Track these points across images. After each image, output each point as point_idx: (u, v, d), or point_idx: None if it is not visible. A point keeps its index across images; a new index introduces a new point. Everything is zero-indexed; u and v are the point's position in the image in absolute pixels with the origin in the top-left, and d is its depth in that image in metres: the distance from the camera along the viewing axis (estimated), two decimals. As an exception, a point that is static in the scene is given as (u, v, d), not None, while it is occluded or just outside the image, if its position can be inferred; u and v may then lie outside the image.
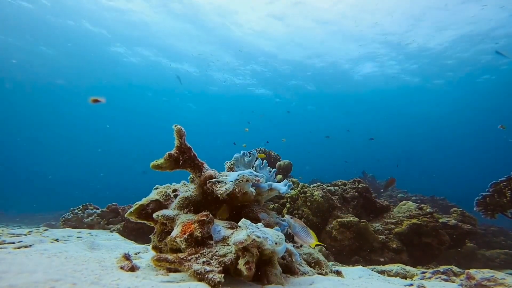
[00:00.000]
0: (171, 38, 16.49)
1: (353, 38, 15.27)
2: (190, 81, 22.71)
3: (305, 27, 14.74)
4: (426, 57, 16.78)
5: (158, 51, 18.20)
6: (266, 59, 18.45)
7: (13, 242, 1.94)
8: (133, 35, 16.16)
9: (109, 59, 19.80)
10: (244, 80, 21.71)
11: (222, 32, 15.55)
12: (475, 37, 14.19)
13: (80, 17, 14.64)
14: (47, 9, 13.99)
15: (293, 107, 26.71)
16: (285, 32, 15.35)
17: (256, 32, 15.51)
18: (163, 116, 32.98)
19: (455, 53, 16.01)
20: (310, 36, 15.49)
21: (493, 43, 14.41)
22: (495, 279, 1.75)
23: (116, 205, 4.82)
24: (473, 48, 15.36)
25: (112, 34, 16.22)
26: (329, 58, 17.90)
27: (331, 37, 15.37)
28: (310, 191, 4.57)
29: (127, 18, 14.55)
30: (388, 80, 20.41)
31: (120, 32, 15.82)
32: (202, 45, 16.78)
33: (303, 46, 16.64)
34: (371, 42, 15.56)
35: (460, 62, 16.96)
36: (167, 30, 15.61)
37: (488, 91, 20.91)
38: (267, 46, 16.95)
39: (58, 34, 16.19)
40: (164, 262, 1.25)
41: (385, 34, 14.67)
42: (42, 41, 16.95)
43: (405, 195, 8.95)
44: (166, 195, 1.71)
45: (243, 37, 16.05)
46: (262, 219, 1.77)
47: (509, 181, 4.17)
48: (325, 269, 1.87)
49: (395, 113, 29.13)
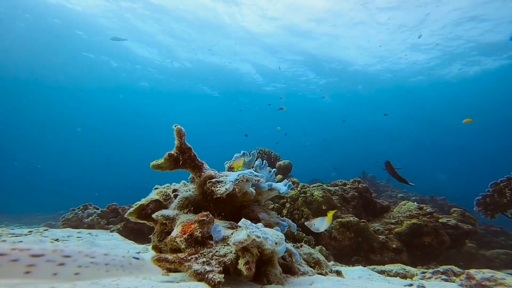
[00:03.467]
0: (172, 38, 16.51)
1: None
2: (190, 82, 22.77)
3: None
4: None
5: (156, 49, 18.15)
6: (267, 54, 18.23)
7: (13, 242, 1.93)
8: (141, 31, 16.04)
9: (112, 60, 19.87)
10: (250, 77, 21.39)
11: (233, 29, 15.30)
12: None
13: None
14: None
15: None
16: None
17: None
18: (164, 116, 33.01)
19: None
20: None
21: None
22: (495, 279, 1.75)
23: (116, 205, 4.82)
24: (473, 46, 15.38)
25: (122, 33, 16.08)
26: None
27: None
28: (310, 191, 4.57)
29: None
30: (389, 80, 20.42)
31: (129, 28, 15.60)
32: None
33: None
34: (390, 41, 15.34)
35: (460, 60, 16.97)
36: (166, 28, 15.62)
37: (488, 90, 20.93)
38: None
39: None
40: (164, 262, 1.25)
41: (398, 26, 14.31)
42: (41, 41, 16.97)
43: (405, 195, 8.95)
44: (166, 195, 1.71)
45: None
46: (262, 219, 1.77)
47: (509, 181, 4.17)
48: (325, 269, 1.87)
49: (395, 113, 29.14)
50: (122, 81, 23.73)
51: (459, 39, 14.60)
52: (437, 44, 15.09)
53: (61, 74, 22.03)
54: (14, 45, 16.88)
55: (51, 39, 16.61)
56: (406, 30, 14.13)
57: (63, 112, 33.22)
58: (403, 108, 26.97)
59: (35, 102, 29.71)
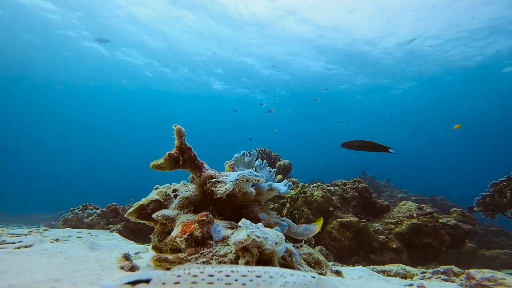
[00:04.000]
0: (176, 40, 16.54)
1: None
2: (189, 81, 22.77)
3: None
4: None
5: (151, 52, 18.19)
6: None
7: (13, 242, 1.93)
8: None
9: (113, 59, 19.85)
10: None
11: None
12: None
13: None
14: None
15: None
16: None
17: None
18: (164, 116, 32.99)
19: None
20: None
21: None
22: (495, 279, 1.75)
23: (116, 205, 4.82)
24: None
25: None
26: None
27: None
28: (310, 191, 4.57)
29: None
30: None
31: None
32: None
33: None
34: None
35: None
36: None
37: (487, 90, 20.93)
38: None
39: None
40: (164, 262, 1.25)
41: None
42: (42, 40, 16.96)
43: (405, 195, 8.96)
44: (166, 195, 1.71)
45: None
46: (262, 219, 1.77)
47: (509, 181, 4.17)
48: (325, 269, 1.87)
49: (395, 113, 29.12)
50: (122, 81, 23.74)
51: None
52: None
53: (62, 72, 22.02)
54: (10, 41, 16.79)
55: (49, 35, 16.57)
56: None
57: (63, 111, 33.21)
58: (402, 106, 26.99)
59: (34, 102, 29.69)
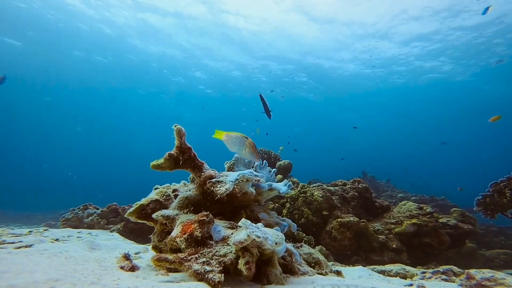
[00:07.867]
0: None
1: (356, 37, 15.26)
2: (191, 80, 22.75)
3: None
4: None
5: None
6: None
7: (13, 242, 1.93)
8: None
9: (114, 59, 19.89)
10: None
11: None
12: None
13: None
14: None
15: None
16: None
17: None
18: (164, 115, 32.97)
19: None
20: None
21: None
22: (495, 279, 1.75)
23: (116, 205, 4.82)
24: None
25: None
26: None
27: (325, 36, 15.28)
28: (310, 191, 4.57)
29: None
30: (389, 79, 20.42)
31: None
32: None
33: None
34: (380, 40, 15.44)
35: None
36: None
37: (488, 90, 20.93)
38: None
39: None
40: (164, 262, 1.25)
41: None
42: (39, 40, 16.95)
43: (405, 195, 8.95)
44: (166, 195, 1.71)
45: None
46: (262, 219, 1.77)
47: (509, 181, 4.17)
48: (325, 269, 1.87)
49: (396, 112, 29.14)
50: (123, 80, 23.72)
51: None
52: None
53: (65, 74, 22.04)
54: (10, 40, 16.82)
55: (56, 37, 16.60)
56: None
57: (63, 111, 33.20)
58: (402, 107, 27.00)
59: (34, 102, 29.68)
